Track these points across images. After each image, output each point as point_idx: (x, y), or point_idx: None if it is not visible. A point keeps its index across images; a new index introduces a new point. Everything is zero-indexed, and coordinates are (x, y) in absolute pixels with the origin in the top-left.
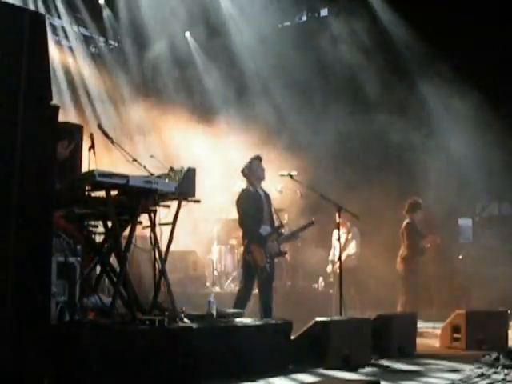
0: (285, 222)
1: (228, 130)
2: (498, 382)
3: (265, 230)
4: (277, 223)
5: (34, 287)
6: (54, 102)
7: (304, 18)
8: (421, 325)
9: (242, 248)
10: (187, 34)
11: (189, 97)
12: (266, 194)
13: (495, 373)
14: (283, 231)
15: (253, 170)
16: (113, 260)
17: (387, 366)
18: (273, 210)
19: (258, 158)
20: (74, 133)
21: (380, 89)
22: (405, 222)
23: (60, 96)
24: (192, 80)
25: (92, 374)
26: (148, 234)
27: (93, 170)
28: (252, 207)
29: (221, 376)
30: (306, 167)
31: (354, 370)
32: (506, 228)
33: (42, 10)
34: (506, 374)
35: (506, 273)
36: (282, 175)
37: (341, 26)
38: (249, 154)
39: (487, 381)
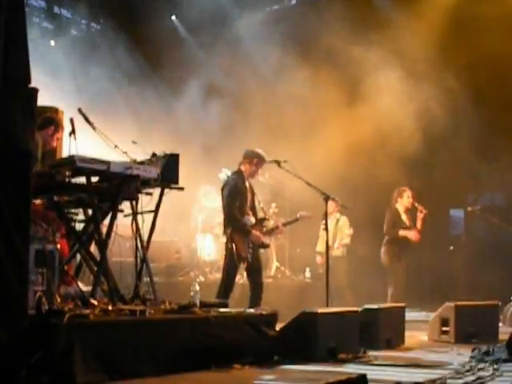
0: (272, 210)
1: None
2: (488, 376)
3: (248, 220)
4: (261, 215)
5: (10, 275)
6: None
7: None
8: (409, 317)
9: (225, 237)
10: (173, 17)
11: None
12: (251, 185)
13: (485, 367)
14: (267, 224)
15: (252, 165)
16: (93, 249)
17: (375, 359)
18: (256, 202)
19: (264, 161)
20: (60, 120)
21: None
22: (387, 210)
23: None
24: (181, 63)
25: (71, 365)
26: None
27: (73, 156)
28: (237, 196)
29: (203, 367)
30: None
31: (340, 362)
32: (498, 219)
33: None
34: (495, 369)
35: (496, 265)
36: (270, 162)
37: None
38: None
39: (477, 375)
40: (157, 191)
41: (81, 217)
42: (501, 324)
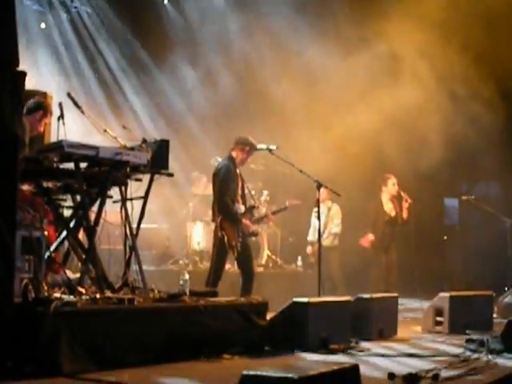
0: (263, 198)
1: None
2: (483, 367)
3: (239, 208)
4: (251, 204)
5: None
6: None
7: None
8: (402, 307)
9: (214, 224)
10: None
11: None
12: (241, 173)
13: (479, 358)
14: (256, 212)
15: (244, 153)
16: (81, 236)
17: (367, 349)
18: (246, 189)
19: (255, 149)
20: (49, 105)
21: None
22: (372, 203)
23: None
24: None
25: (58, 354)
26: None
27: (61, 141)
28: (230, 183)
29: (193, 356)
30: None
31: (332, 352)
32: (493, 209)
33: None
34: (489, 360)
35: (491, 256)
36: (261, 149)
37: None
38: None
39: (471, 366)
40: (146, 177)
41: (69, 203)
42: (495, 315)
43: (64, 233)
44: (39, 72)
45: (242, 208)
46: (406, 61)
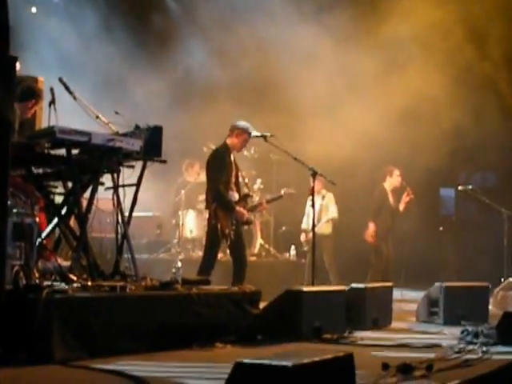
0: (257, 186)
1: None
2: (477, 358)
3: (233, 196)
4: (245, 192)
5: None
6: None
7: None
8: (397, 297)
9: (208, 212)
10: None
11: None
12: (235, 161)
13: (474, 349)
14: (250, 201)
15: (240, 139)
16: (73, 223)
17: (361, 339)
18: (240, 177)
19: (250, 135)
20: (40, 92)
21: None
22: (376, 190)
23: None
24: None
25: (49, 342)
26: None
27: (53, 126)
28: (224, 171)
29: (185, 345)
30: None
31: (326, 342)
32: (490, 199)
33: None
34: (484, 351)
35: (487, 247)
36: (256, 136)
37: None
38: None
39: (465, 357)
40: (139, 164)
41: (60, 190)
42: (491, 306)
43: (55, 220)
44: (31, 57)
45: (236, 196)
46: (404, 49)
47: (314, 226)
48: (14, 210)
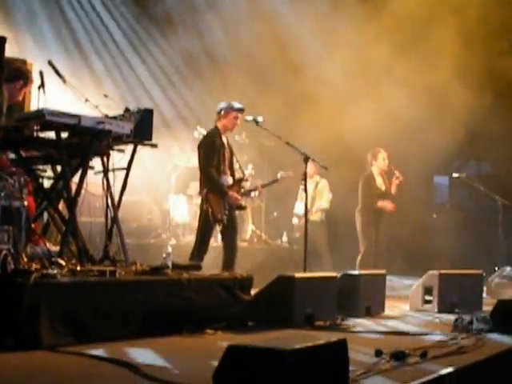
0: (248, 172)
1: None
2: (471, 346)
3: (225, 180)
4: (239, 176)
5: None
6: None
7: None
8: (390, 285)
9: (200, 197)
10: None
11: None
12: (229, 144)
13: (468, 337)
14: (245, 185)
15: (229, 118)
16: (62, 208)
17: (353, 326)
18: (235, 161)
19: (241, 110)
20: (30, 74)
21: None
22: (362, 176)
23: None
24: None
25: (37, 327)
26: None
27: (42, 109)
28: (214, 154)
29: (175, 331)
30: None
31: (318, 329)
32: (485, 187)
33: None
34: (478, 339)
35: (481, 235)
36: (247, 121)
37: None
38: None
39: (459, 345)
40: (129, 148)
41: (49, 173)
42: (485, 295)
43: (44, 204)
44: (18, 38)
45: (229, 180)
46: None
47: (306, 211)
48: (2, 194)
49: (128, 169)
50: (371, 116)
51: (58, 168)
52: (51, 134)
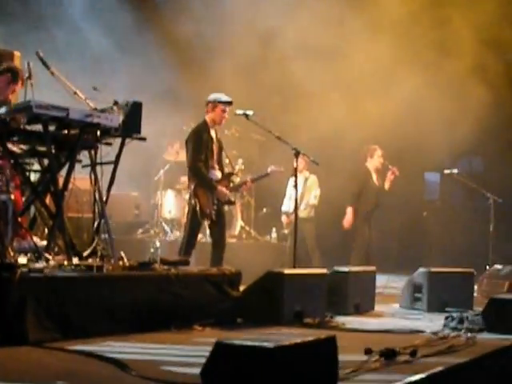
0: (238, 167)
1: None
2: (462, 345)
3: (214, 175)
4: (228, 170)
5: None
6: None
7: None
8: (380, 283)
9: (188, 192)
10: None
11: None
12: (218, 139)
13: (458, 336)
14: (235, 179)
15: (216, 112)
16: (49, 202)
17: (342, 324)
18: (224, 156)
19: (229, 103)
20: (20, 71)
21: None
22: (358, 172)
23: None
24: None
25: (23, 322)
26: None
27: (29, 101)
28: (202, 149)
29: (162, 327)
30: None
31: (307, 326)
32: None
33: None
34: (468, 338)
35: (472, 232)
36: (237, 114)
37: None
38: None
39: (450, 343)
40: (117, 141)
41: (36, 167)
42: (475, 294)
43: (31, 198)
44: (6, 28)
45: (218, 174)
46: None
47: (296, 207)
48: None
49: (116, 163)
50: (362, 112)
51: (46, 161)
52: (39, 127)
